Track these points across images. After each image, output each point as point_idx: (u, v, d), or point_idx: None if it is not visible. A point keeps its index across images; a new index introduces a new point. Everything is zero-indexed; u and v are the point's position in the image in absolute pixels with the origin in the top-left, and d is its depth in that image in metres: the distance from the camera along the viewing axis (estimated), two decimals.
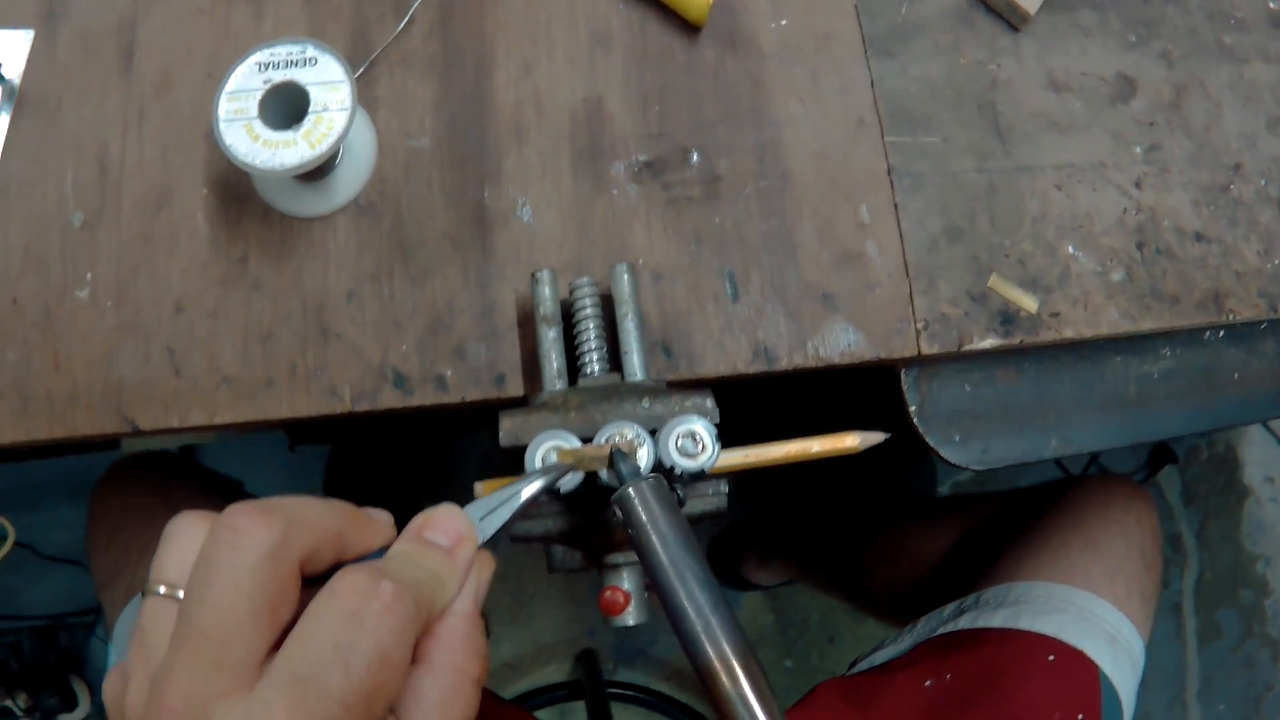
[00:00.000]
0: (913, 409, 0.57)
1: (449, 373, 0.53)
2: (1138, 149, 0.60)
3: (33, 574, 1.11)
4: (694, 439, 0.43)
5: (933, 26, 0.59)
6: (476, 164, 0.55)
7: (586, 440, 0.45)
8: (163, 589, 0.32)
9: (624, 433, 0.43)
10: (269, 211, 0.55)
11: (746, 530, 1.29)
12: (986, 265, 0.57)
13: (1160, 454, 1.17)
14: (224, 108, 0.51)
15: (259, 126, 0.50)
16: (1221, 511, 1.10)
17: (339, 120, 0.50)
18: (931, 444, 0.57)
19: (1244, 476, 1.09)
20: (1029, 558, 0.72)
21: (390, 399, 0.53)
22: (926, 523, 0.89)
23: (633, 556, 0.48)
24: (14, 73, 0.58)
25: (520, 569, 1.23)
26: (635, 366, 0.50)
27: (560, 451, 0.43)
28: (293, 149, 0.50)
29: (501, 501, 0.38)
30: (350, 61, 0.56)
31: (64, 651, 1.19)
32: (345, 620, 0.29)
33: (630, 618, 0.49)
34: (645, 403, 0.46)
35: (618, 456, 0.42)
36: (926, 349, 0.55)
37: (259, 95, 0.51)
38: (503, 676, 1.19)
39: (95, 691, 1.19)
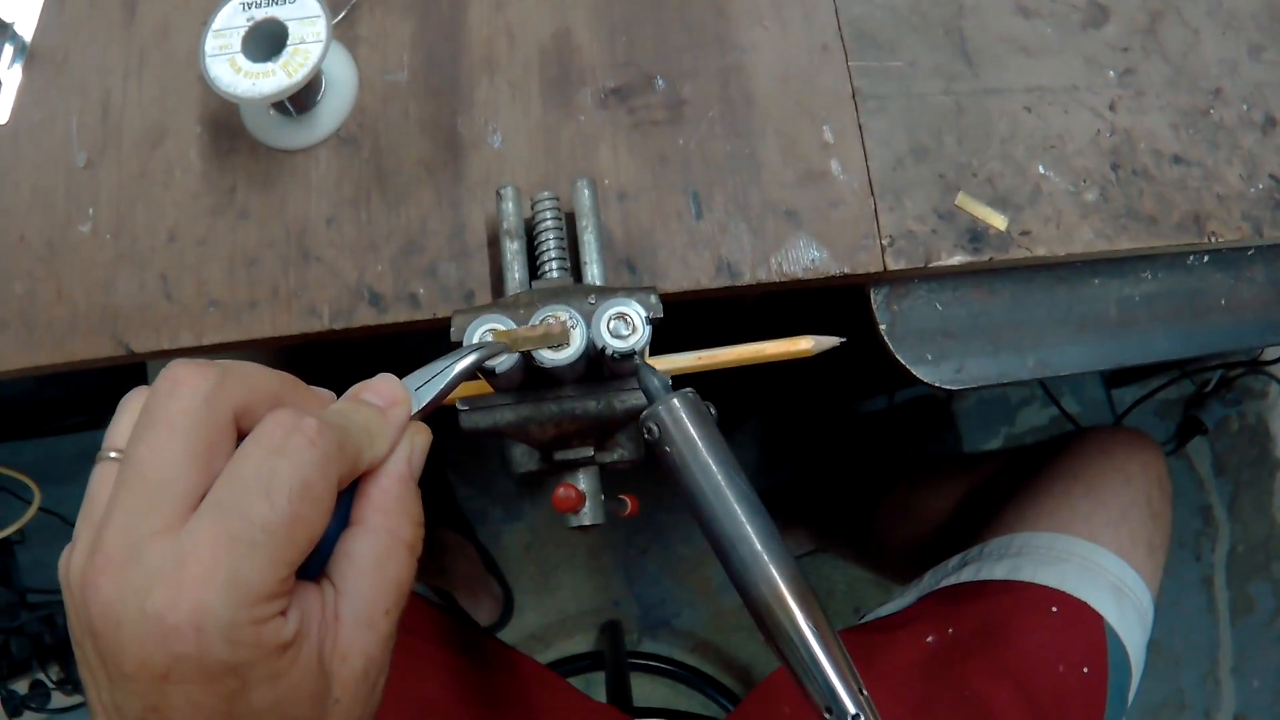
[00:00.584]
0: (883, 327, 0.56)
1: (421, 291, 0.54)
2: (1111, 73, 0.59)
3: (65, 546, 1.14)
4: (625, 320, 0.44)
5: None
6: (450, 95, 0.57)
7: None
8: (113, 454, 0.33)
9: (558, 315, 0.44)
10: (256, 146, 0.57)
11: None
12: (954, 184, 0.56)
13: (1190, 425, 1.13)
14: (210, 44, 0.53)
15: (241, 60, 0.53)
16: (1253, 484, 1.05)
17: (314, 51, 0.53)
18: (903, 362, 0.56)
19: (1276, 449, 1.04)
20: (1031, 508, 0.71)
21: (366, 316, 0.54)
22: (935, 480, 0.88)
23: (586, 452, 0.48)
24: (27, 30, 0.61)
25: (545, 540, 1.23)
26: (594, 277, 0.50)
27: (495, 332, 0.43)
28: (271, 78, 0.52)
29: (436, 373, 0.39)
30: (332, 6, 0.59)
31: None
32: (268, 452, 0.30)
33: (586, 518, 0.50)
34: (591, 298, 0.47)
35: (644, 371, 0.42)
36: (893, 265, 0.55)
37: (242, 32, 0.53)
38: (528, 647, 1.18)
39: None
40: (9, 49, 0.61)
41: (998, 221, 0.56)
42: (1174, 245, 0.57)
